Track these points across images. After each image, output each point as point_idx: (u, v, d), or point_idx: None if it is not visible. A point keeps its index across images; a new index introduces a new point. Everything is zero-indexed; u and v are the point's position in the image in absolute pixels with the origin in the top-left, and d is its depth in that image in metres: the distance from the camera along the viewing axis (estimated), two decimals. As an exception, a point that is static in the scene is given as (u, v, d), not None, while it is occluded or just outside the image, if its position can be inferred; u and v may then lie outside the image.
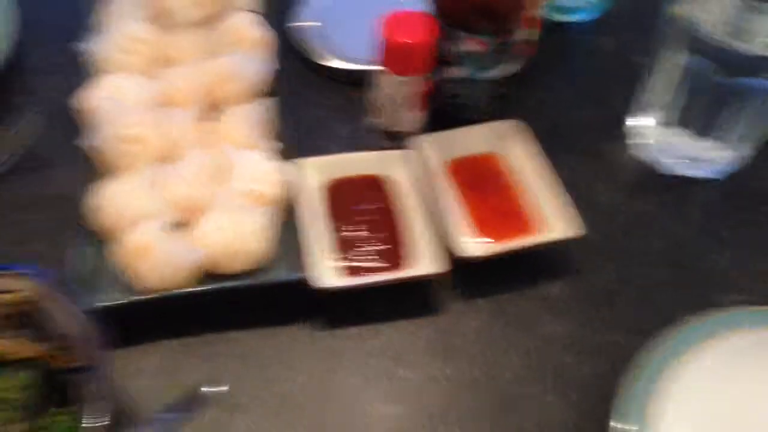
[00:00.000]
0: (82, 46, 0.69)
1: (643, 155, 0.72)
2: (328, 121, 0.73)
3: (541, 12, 0.73)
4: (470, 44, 0.63)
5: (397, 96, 0.64)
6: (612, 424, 0.51)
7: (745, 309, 0.59)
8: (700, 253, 0.65)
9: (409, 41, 0.60)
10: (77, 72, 0.72)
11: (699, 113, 0.67)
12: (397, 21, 0.61)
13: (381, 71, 0.63)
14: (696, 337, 0.56)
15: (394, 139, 0.68)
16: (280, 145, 0.65)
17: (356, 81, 0.75)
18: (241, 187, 0.59)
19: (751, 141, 0.69)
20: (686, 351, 0.55)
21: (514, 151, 0.68)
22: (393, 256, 0.60)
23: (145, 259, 0.55)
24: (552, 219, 0.63)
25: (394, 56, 0.62)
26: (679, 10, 0.63)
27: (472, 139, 0.68)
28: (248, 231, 0.57)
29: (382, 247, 0.61)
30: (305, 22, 0.79)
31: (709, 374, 0.54)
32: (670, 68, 0.67)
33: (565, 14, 0.84)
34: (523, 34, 0.66)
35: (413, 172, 0.65)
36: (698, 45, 0.62)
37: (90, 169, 0.63)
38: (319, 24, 0.79)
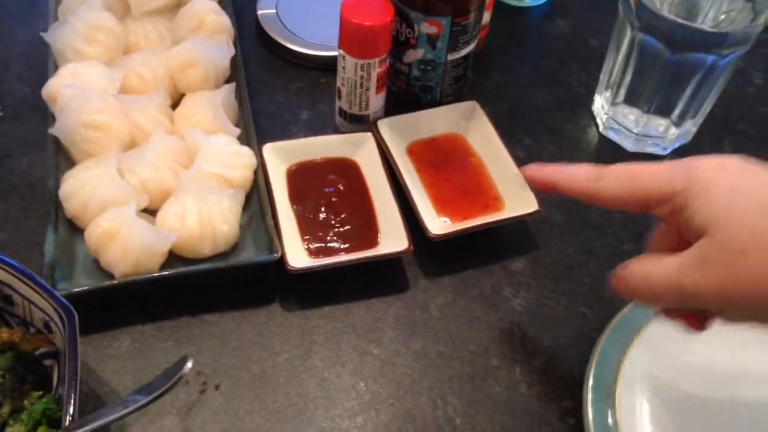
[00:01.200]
0: (44, 35, 0.68)
1: (601, 132, 0.75)
2: (291, 105, 0.74)
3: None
4: (428, 27, 0.64)
5: (357, 78, 0.65)
6: (585, 391, 0.53)
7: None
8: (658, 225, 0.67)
9: (367, 24, 0.61)
10: (38, 61, 0.72)
11: (651, 90, 0.69)
12: (355, 4, 0.62)
13: (340, 54, 0.64)
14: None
15: (355, 122, 0.69)
16: (244, 129, 0.66)
17: (317, 65, 0.76)
18: (208, 170, 0.60)
19: (699, 116, 0.71)
20: (652, 318, 0.57)
21: (474, 131, 0.69)
22: (359, 237, 0.62)
23: (115, 244, 0.55)
24: (511, 196, 0.65)
25: (353, 39, 0.63)
26: (631, -10, 0.65)
27: (433, 121, 0.69)
28: (216, 213, 0.58)
29: (348, 228, 0.62)
30: (266, 8, 0.80)
31: (674, 338, 0.56)
32: (623, 48, 0.69)
33: (519, -1, 0.86)
34: (482, 16, 0.68)
35: (376, 155, 0.66)
36: (648, 23, 0.64)
37: (55, 156, 0.62)
38: (280, 9, 0.79)
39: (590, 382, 0.54)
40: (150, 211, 0.60)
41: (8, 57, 0.75)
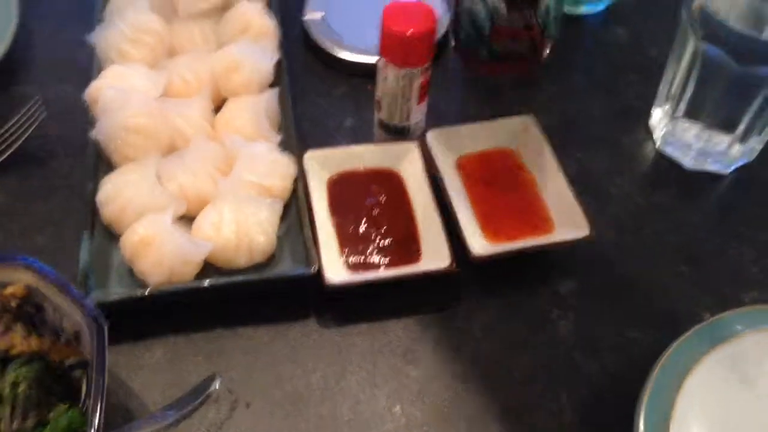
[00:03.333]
0: (89, 36, 0.68)
1: (658, 148, 0.71)
2: (335, 111, 0.72)
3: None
4: None
5: (398, 88, 0.62)
6: (638, 422, 0.50)
7: (764, 307, 0.58)
8: (717, 249, 0.64)
9: (409, 31, 0.59)
10: (83, 63, 0.72)
11: (714, 104, 0.65)
12: (396, 11, 0.59)
13: (382, 62, 0.62)
14: (719, 335, 0.55)
15: (395, 134, 0.66)
16: (286, 136, 0.64)
17: (362, 72, 0.74)
18: (247, 178, 0.58)
19: (765, 134, 0.67)
20: (709, 350, 0.54)
21: (528, 147, 0.66)
22: (400, 252, 0.59)
23: (150, 252, 0.54)
24: (562, 218, 0.62)
25: (394, 48, 0.60)
26: (696, -1, 0.62)
27: (485, 134, 0.67)
28: (253, 223, 0.56)
29: (389, 242, 0.60)
30: (311, 12, 0.78)
31: (732, 373, 0.53)
32: (685, 58, 0.65)
33: (575, 5, 0.83)
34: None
35: (420, 167, 0.63)
36: (713, 33, 0.61)
37: (95, 160, 0.62)
38: (325, 14, 0.78)
39: (642, 416, 0.51)
40: (187, 218, 0.59)
41: (54, 58, 0.75)
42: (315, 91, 0.73)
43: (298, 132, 0.65)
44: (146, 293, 0.54)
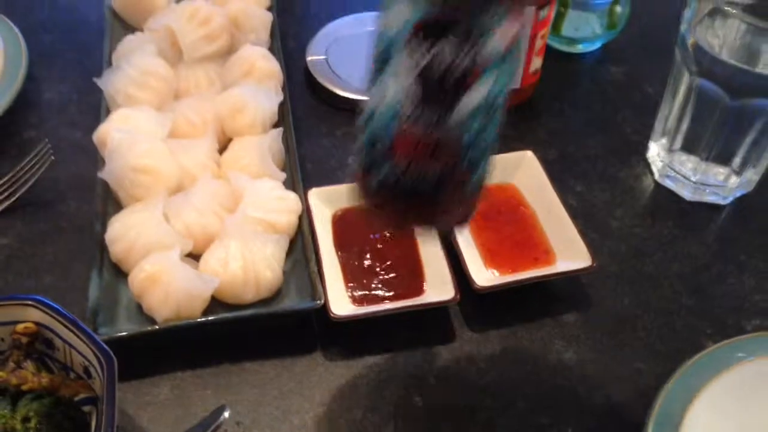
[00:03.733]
0: (97, 81, 0.70)
1: (657, 180, 0.72)
2: (338, 151, 0.73)
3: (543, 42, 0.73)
4: (507, 30, 0.40)
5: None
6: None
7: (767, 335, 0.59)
8: (719, 278, 0.64)
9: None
10: (90, 107, 0.73)
11: (709, 138, 0.66)
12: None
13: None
14: (722, 363, 0.55)
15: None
16: (290, 174, 0.65)
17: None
18: (252, 215, 0.59)
19: (761, 165, 0.68)
20: (712, 378, 0.54)
21: (527, 181, 0.68)
22: (404, 285, 0.60)
23: (157, 288, 0.55)
24: (564, 250, 0.62)
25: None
26: (689, 35, 0.63)
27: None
28: (260, 258, 0.57)
29: (393, 276, 0.60)
30: (315, 54, 0.80)
31: (735, 401, 0.53)
32: (680, 93, 0.67)
33: (571, 45, 0.85)
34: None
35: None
36: (707, 68, 0.62)
37: (104, 200, 0.63)
38: (329, 55, 0.80)
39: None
40: (194, 256, 0.60)
41: (63, 103, 0.77)
42: (318, 132, 0.75)
43: (302, 171, 0.66)
44: (154, 329, 0.54)
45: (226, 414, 0.45)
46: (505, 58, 0.39)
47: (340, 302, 0.57)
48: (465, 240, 0.62)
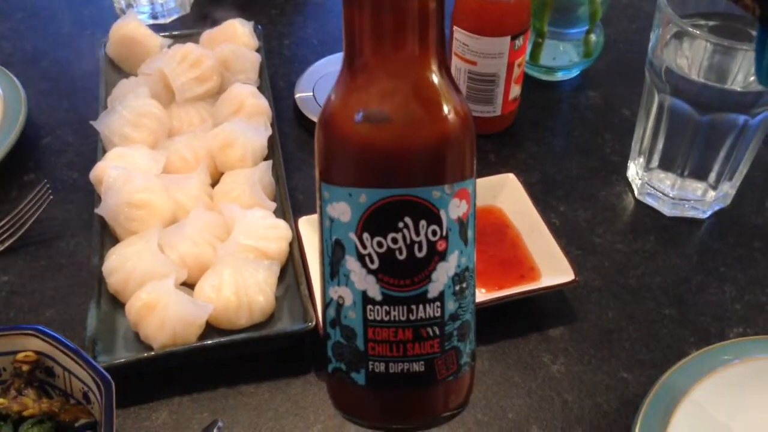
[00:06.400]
0: (93, 123, 0.72)
1: (637, 197, 0.74)
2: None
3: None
4: (458, 203, 0.38)
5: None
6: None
7: (748, 339, 0.60)
8: (700, 289, 0.66)
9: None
10: (86, 149, 0.76)
11: (684, 154, 0.69)
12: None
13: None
14: (707, 367, 0.57)
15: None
16: (281, 204, 0.68)
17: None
18: (244, 242, 0.61)
19: (735, 178, 0.71)
20: (697, 381, 0.56)
21: (510, 203, 0.70)
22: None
23: (154, 315, 0.57)
24: (548, 266, 0.64)
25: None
26: (657, 57, 0.66)
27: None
28: (252, 284, 0.59)
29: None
30: (301, 92, 0.83)
31: (719, 404, 0.55)
32: (653, 113, 0.69)
33: (550, 74, 0.88)
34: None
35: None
36: (677, 88, 0.65)
37: (101, 235, 0.65)
38: (316, 92, 0.82)
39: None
40: (189, 285, 0.61)
41: (60, 147, 0.79)
42: (308, 164, 0.77)
43: (293, 201, 0.69)
44: (151, 355, 0.56)
45: (220, 424, 0.46)
46: (465, 228, 0.38)
47: (332, 324, 0.59)
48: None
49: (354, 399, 0.39)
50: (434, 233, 0.36)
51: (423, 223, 0.36)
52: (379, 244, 0.36)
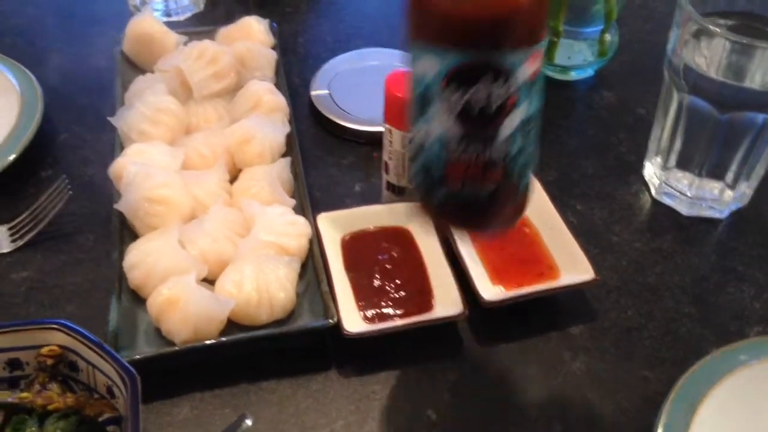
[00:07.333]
0: (111, 119, 0.72)
1: (654, 197, 0.74)
2: (344, 179, 0.76)
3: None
4: (530, 65, 0.43)
5: (404, 151, 0.66)
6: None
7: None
8: (718, 288, 0.66)
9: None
10: (103, 145, 0.76)
11: (702, 154, 0.69)
12: (398, 79, 0.63)
13: (386, 129, 0.66)
14: (726, 367, 0.56)
15: (404, 195, 0.70)
16: (299, 201, 0.68)
17: (368, 141, 0.78)
18: (264, 239, 0.61)
19: (752, 178, 0.71)
20: (718, 382, 0.55)
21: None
22: (414, 302, 0.62)
23: (176, 311, 0.57)
24: (567, 265, 0.64)
25: (398, 112, 0.64)
26: (676, 55, 0.66)
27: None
28: (273, 280, 0.59)
29: (402, 294, 0.62)
30: (319, 89, 0.83)
31: (740, 403, 0.55)
32: (671, 112, 0.70)
33: (564, 73, 0.88)
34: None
35: (429, 223, 0.66)
36: (696, 86, 0.65)
37: (120, 231, 0.65)
38: (332, 90, 0.83)
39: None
40: (209, 281, 0.61)
41: (77, 143, 0.79)
42: (325, 162, 0.77)
43: (311, 198, 0.69)
44: (173, 350, 0.56)
45: (248, 422, 0.46)
46: (534, 83, 0.43)
47: (353, 320, 0.59)
48: (472, 258, 0.64)
49: (441, 214, 0.50)
50: (508, 89, 0.42)
51: (500, 80, 0.41)
52: (459, 99, 0.42)
